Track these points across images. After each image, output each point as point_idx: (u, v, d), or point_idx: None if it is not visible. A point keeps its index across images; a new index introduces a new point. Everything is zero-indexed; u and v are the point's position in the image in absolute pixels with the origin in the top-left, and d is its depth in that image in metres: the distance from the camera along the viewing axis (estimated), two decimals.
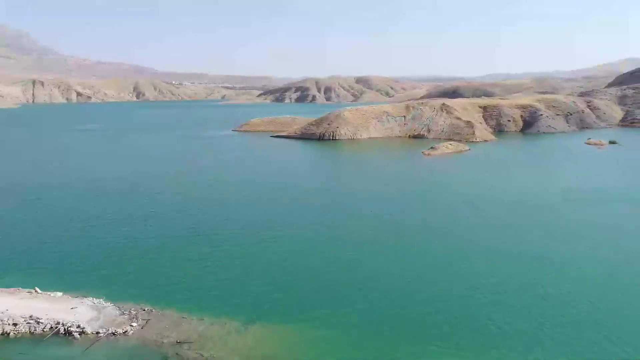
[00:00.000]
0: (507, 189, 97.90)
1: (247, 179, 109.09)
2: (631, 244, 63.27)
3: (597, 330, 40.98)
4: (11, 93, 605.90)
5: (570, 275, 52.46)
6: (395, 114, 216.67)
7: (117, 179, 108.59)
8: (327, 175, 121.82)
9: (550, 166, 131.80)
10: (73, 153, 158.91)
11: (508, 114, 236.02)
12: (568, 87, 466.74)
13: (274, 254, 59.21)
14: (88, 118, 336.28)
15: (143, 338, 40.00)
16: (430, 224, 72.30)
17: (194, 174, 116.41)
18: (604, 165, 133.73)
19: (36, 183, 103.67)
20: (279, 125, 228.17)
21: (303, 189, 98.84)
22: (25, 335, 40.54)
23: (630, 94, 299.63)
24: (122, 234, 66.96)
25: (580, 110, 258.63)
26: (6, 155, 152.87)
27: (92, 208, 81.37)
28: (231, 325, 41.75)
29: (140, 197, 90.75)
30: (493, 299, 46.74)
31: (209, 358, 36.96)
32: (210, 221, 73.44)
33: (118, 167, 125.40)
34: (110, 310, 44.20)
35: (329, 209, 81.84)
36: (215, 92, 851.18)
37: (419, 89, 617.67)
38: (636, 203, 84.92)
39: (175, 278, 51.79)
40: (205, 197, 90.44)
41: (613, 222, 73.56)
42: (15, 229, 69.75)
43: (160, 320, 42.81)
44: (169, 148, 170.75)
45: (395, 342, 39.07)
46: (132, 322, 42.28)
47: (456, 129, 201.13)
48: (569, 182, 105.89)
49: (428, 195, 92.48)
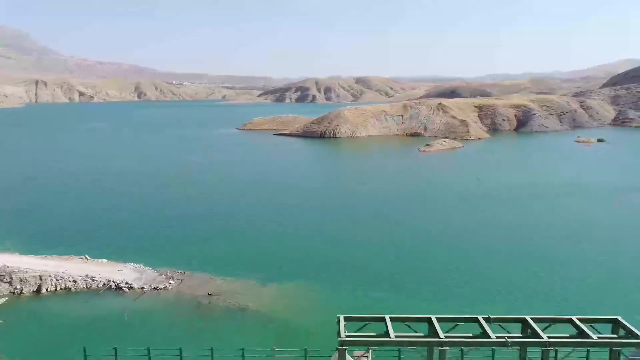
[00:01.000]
0: (488, 179, 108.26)
1: (256, 172, 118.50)
2: (582, 228, 72.38)
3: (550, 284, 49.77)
4: (15, 93, 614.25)
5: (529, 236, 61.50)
6: (393, 113, 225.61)
7: (149, 171, 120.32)
8: (329, 170, 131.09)
9: (532, 161, 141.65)
10: (97, 148, 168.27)
11: (502, 114, 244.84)
12: (566, 87, 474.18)
13: (285, 232, 68.21)
14: (93, 117, 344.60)
15: (180, 292, 48.83)
16: (417, 204, 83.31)
17: (212, 166, 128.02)
18: (586, 160, 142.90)
19: (81, 170, 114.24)
20: (281, 124, 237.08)
21: (306, 180, 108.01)
22: (83, 290, 49.34)
23: (623, 94, 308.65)
24: (157, 216, 77.16)
25: (573, 109, 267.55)
26: (49, 147, 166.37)
27: (134, 193, 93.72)
28: (252, 283, 50.61)
29: (165, 185, 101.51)
30: (476, 253, 55.60)
31: (236, 304, 45.68)
32: (227, 205, 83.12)
33: (146, 161, 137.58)
34: (150, 272, 53.00)
35: (331, 198, 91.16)
36: (215, 92, 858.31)
37: (418, 89, 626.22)
38: (602, 193, 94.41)
39: (202, 250, 60.77)
40: (222, 187, 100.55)
41: (574, 212, 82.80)
42: (67, 208, 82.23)
43: (192, 279, 51.65)
44: (183, 145, 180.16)
45: (389, 296, 47.83)
46: (169, 280, 51.13)
47: (451, 127, 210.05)
48: (545, 175, 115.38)
49: (419, 182, 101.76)
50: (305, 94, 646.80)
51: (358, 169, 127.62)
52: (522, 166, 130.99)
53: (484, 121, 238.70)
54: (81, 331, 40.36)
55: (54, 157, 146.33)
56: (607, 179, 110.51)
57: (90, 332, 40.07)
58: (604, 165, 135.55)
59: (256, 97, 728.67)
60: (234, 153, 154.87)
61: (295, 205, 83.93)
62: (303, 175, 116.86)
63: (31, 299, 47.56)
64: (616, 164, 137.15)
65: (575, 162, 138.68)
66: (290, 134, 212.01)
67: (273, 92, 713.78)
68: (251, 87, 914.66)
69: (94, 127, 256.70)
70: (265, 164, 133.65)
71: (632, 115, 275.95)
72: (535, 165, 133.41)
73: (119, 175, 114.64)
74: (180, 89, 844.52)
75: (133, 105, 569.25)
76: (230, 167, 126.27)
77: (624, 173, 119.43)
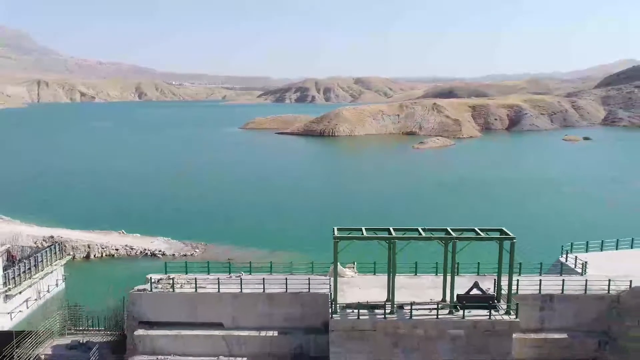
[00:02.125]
0: (470, 170, 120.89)
1: (262, 165, 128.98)
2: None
3: None
4: (17, 93, 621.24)
5: None
6: (390, 112, 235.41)
7: (164, 166, 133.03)
8: (329, 163, 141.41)
9: (514, 156, 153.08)
10: (116, 145, 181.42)
11: (495, 113, 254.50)
12: (563, 88, 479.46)
13: (286, 213, 78.24)
14: (96, 116, 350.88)
15: (204, 258, 58.28)
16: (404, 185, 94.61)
17: (222, 163, 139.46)
18: (567, 156, 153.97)
19: (104, 165, 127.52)
20: (283, 123, 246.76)
21: (307, 172, 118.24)
22: (124, 257, 59.04)
23: (614, 95, 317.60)
24: (180, 199, 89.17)
25: (564, 109, 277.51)
26: (72, 144, 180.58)
27: (158, 181, 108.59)
28: (263, 251, 60.27)
29: (185, 174, 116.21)
30: None
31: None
32: (236, 192, 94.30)
33: (161, 157, 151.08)
34: (178, 243, 62.83)
35: (330, 185, 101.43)
36: (215, 92, 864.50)
37: (417, 90, 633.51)
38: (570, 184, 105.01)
39: (222, 227, 70.71)
40: (232, 178, 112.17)
41: None
42: (100, 194, 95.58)
43: (213, 249, 61.50)
44: (192, 142, 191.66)
45: None
46: (195, 249, 60.95)
47: (445, 126, 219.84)
48: (521, 168, 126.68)
49: (408, 175, 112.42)
50: (305, 95, 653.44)
51: (354, 163, 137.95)
52: (502, 160, 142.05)
53: (477, 120, 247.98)
54: (125, 284, 49.93)
55: (80, 153, 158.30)
56: (576, 172, 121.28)
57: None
58: (583, 159, 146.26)
59: (256, 97, 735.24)
60: (239, 149, 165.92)
61: (298, 190, 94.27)
62: (304, 167, 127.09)
63: (83, 263, 57.18)
64: (593, 157, 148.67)
65: (559, 158, 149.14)
66: (292, 132, 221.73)
67: (273, 93, 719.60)
68: (251, 88, 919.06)
69: (103, 126, 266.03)
70: (269, 158, 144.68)
71: (622, 115, 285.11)
72: (515, 160, 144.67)
73: (141, 166, 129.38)
74: (181, 89, 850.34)
75: (134, 105, 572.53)
76: (238, 161, 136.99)
77: (595, 166, 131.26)
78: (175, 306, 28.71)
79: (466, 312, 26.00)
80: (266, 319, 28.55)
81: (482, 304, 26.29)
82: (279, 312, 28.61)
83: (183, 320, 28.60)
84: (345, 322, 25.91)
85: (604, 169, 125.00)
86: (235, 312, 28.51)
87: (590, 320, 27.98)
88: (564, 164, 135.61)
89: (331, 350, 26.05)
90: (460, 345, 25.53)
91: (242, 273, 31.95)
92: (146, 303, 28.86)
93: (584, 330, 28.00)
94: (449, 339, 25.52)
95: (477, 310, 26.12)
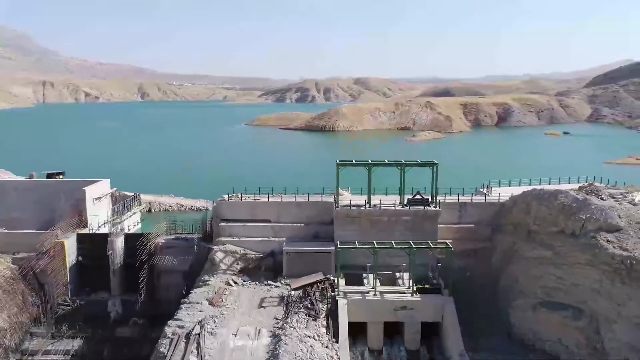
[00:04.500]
0: (452, 158, 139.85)
1: (271, 151, 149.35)
2: None
3: None
4: (23, 93, 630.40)
5: None
6: (386, 110, 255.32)
7: (192, 149, 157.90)
8: (330, 148, 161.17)
9: (495, 147, 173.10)
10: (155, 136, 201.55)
11: (485, 110, 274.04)
12: (558, 88, 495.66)
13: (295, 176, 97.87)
14: (102, 116, 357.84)
15: None
16: None
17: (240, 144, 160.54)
18: (544, 147, 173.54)
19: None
20: (286, 120, 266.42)
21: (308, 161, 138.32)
22: (176, 211, 78.20)
23: (600, 94, 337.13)
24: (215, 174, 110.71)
25: (551, 107, 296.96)
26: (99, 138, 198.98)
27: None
28: None
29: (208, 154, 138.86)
30: None
31: None
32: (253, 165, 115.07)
33: (193, 144, 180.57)
34: None
35: None
36: (216, 92, 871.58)
37: (415, 90, 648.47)
38: None
39: None
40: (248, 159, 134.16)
41: None
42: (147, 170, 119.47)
43: None
44: (212, 134, 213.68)
45: None
46: None
47: (437, 122, 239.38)
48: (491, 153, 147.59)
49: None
50: (305, 95, 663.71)
51: (352, 150, 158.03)
52: (479, 149, 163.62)
53: (468, 117, 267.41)
54: None
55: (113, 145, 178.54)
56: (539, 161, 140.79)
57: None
58: (557, 150, 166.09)
59: (257, 97, 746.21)
60: (251, 138, 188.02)
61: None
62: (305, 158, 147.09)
63: (147, 215, 76.10)
64: (566, 148, 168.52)
65: (530, 148, 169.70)
66: (294, 128, 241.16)
67: (274, 93, 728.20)
68: (251, 88, 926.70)
69: (109, 125, 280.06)
70: (274, 148, 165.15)
71: (606, 112, 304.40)
72: (490, 149, 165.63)
73: (180, 151, 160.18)
74: (182, 89, 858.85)
75: (137, 105, 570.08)
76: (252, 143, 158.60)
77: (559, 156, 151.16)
78: (242, 209, 47.98)
79: (412, 207, 45.19)
80: (296, 217, 47.66)
81: (421, 203, 45.45)
82: (304, 213, 47.75)
83: (247, 217, 47.85)
84: (343, 212, 45.09)
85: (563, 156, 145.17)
86: (278, 213, 47.76)
87: (487, 217, 47.08)
88: (530, 152, 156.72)
89: (335, 232, 45.11)
90: (408, 226, 44.62)
91: (282, 192, 50.51)
92: (226, 207, 48.16)
93: (484, 223, 47.06)
94: (402, 222, 44.67)
95: (418, 206, 45.29)
